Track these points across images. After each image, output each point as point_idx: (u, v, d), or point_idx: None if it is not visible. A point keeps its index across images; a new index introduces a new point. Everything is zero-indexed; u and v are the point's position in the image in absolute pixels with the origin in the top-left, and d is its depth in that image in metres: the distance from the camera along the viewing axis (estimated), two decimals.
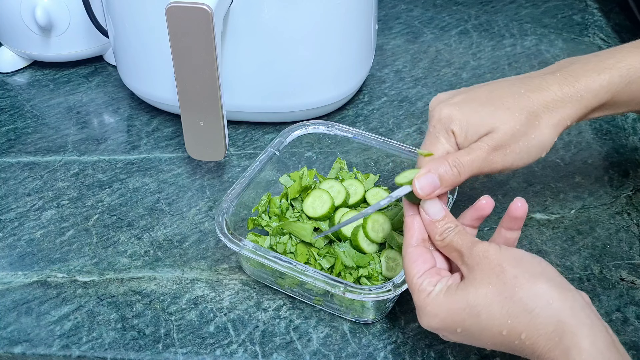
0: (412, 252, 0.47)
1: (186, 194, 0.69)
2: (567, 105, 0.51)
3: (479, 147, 0.49)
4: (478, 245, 0.45)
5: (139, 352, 0.54)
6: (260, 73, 0.70)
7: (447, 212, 0.48)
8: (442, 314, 0.44)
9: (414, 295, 0.46)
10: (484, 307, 0.42)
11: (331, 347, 0.54)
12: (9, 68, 0.89)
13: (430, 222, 0.48)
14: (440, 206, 0.48)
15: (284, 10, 0.66)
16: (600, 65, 0.52)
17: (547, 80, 0.52)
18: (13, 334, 0.56)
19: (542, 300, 0.41)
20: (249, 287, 0.59)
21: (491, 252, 0.44)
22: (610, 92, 0.51)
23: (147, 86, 0.77)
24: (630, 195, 0.67)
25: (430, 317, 0.45)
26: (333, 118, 0.79)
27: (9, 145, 0.77)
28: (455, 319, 0.43)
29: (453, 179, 0.48)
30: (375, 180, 0.66)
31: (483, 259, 0.44)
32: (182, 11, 0.56)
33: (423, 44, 0.93)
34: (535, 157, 0.51)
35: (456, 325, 0.44)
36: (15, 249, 0.64)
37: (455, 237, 0.46)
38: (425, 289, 0.45)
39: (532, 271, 0.42)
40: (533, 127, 0.50)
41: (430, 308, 0.44)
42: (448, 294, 0.44)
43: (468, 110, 0.50)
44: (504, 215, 0.47)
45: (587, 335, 0.40)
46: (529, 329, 0.41)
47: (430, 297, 0.45)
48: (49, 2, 0.81)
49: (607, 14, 0.99)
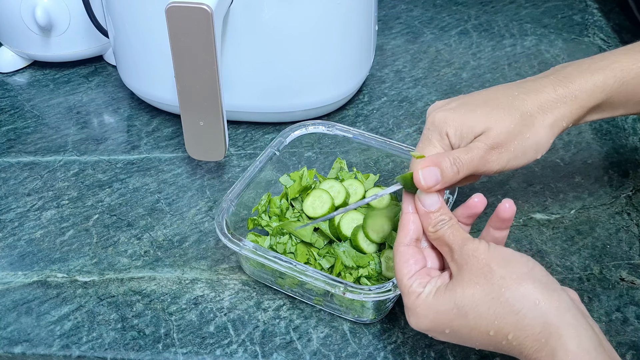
0: (404, 252, 0.48)
1: (186, 194, 0.69)
2: (562, 106, 0.51)
3: (477, 146, 0.49)
4: (468, 244, 0.45)
5: (139, 352, 0.54)
6: (260, 73, 0.70)
7: (443, 204, 0.48)
8: (431, 315, 0.44)
9: (404, 296, 0.46)
10: (472, 308, 0.43)
11: (331, 347, 0.54)
12: (9, 68, 0.89)
13: (425, 213, 0.48)
14: (436, 198, 0.48)
15: (284, 10, 0.66)
16: (594, 67, 0.52)
17: (541, 82, 0.52)
18: (13, 334, 0.56)
19: (529, 301, 0.41)
20: (249, 287, 0.59)
21: (480, 252, 0.44)
22: (605, 92, 0.52)
23: (147, 86, 0.77)
24: (630, 195, 0.67)
25: (419, 319, 0.45)
26: (333, 118, 0.79)
27: (9, 145, 0.77)
28: (443, 320, 0.44)
29: (452, 176, 0.49)
30: (375, 180, 0.66)
31: (472, 258, 0.44)
32: (182, 11, 0.56)
33: (423, 44, 0.93)
34: (531, 158, 0.51)
35: (444, 326, 0.44)
36: (15, 249, 0.64)
37: (447, 230, 0.47)
38: (415, 290, 0.45)
39: (519, 272, 0.43)
40: (527, 127, 0.50)
41: (419, 310, 0.45)
42: (437, 296, 0.44)
43: (463, 112, 0.51)
44: (492, 215, 0.48)
45: (573, 336, 0.40)
46: (516, 330, 0.41)
47: (419, 299, 0.45)
48: (49, 2, 0.81)
49: (607, 14, 0.99)
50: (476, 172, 0.50)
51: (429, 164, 0.48)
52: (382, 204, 0.63)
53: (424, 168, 0.48)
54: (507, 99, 0.51)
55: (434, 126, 0.51)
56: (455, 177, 0.49)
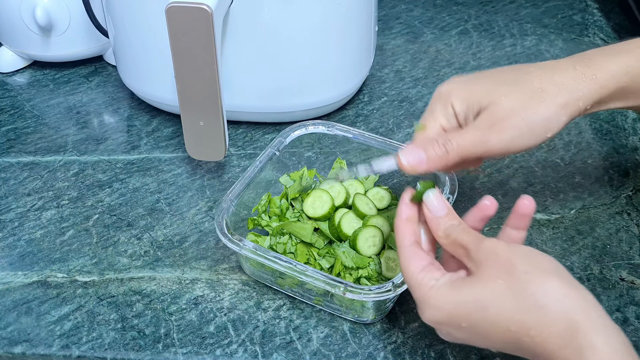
0: (409, 251, 0.46)
1: (186, 194, 0.69)
2: (580, 84, 0.49)
3: (475, 125, 0.48)
4: (486, 241, 0.43)
5: (139, 352, 0.54)
6: (260, 73, 0.70)
7: (451, 209, 0.47)
8: (448, 307, 0.42)
9: (415, 290, 0.44)
10: (493, 301, 0.40)
11: (331, 347, 0.54)
12: (9, 68, 0.89)
13: (433, 218, 0.47)
14: (443, 203, 0.47)
15: (284, 10, 0.66)
16: (617, 49, 0.50)
17: (561, 61, 0.50)
18: (13, 334, 0.56)
19: (554, 297, 0.39)
20: (249, 287, 0.59)
21: (500, 248, 0.42)
22: (629, 75, 0.49)
23: (147, 86, 0.77)
24: (630, 195, 0.67)
25: (434, 310, 0.43)
26: (333, 118, 0.79)
27: (9, 145, 0.77)
28: (460, 312, 0.42)
29: (440, 157, 0.48)
30: (375, 181, 0.66)
31: (492, 254, 0.42)
32: (182, 11, 0.56)
33: (423, 44, 0.93)
34: (540, 137, 0.49)
35: (461, 319, 0.42)
36: (15, 249, 0.64)
37: (460, 233, 0.45)
38: (427, 282, 0.44)
39: (543, 268, 0.41)
40: (536, 102, 0.48)
41: (434, 301, 0.43)
42: (453, 287, 0.42)
43: (470, 84, 0.50)
44: (510, 214, 0.46)
45: (601, 333, 0.38)
46: (539, 326, 0.39)
47: (433, 289, 0.43)
48: (49, 2, 0.81)
49: (607, 14, 0.99)
50: (475, 153, 0.48)
51: (411, 147, 0.48)
52: (382, 204, 0.63)
53: (405, 152, 0.48)
54: (521, 75, 0.49)
55: (439, 97, 0.50)
56: (445, 158, 0.48)
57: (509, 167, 0.71)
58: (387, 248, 0.58)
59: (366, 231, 0.57)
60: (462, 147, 0.48)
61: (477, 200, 0.49)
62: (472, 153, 0.48)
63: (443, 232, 0.46)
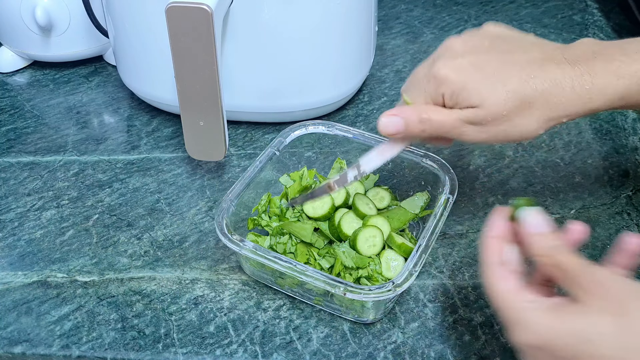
0: (498, 269, 0.44)
1: (186, 194, 0.69)
2: (572, 105, 0.48)
3: (457, 113, 0.49)
4: (596, 269, 0.41)
5: (139, 352, 0.54)
6: (260, 73, 0.70)
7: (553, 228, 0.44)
8: (548, 333, 0.40)
9: (506, 310, 0.42)
10: (598, 335, 0.38)
11: (331, 347, 0.54)
12: (9, 68, 0.89)
13: (533, 235, 0.44)
14: (542, 219, 0.44)
15: (283, 10, 0.66)
16: (623, 70, 0.48)
17: (563, 71, 0.49)
18: (13, 334, 0.56)
19: None
20: (249, 287, 0.59)
21: (611, 279, 0.40)
22: (625, 100, 0.49)
23: (147, 86, 0.77)
24: (630, 195, 0.67)
25: (531, 334, 0.40)
26: (333, 118, 0.79)
27: (9, 145, 0.77)
28: (561, 341, 0.39)
29: (417, 132, 0.50)
30: (375, 181, 0.66)
31: (597, 284, 0.40)
32: (182, 11, 0.56)
33: (423, 44, 0.93)
34: (514, 141, 0.50)
35: (559, 349, 0.39)
36: (15, 249, 0.64)
37: (567, 255, 0.42)
38: (520, 304, 0.42)
39: None
40: (522, 116, 0.48)
41: (532, 324, 0.40)
42: (555, 313, 0.40)
43: (467, 78, 0.49)
44: (616, 251, 0.44)
45: None
46: None
47: (529, 311, 0.41)
48: (49, 2, 0.82)
49: (607, 14, 0.99)
50: (448, 136, 0.50)
51: (395, 112, 0.49)
52: (382, 204, 0.63)
53: (387, 114, 0.49)
54: (518, 79, 0.48)
55: (435, 80, 0.50)
56: (421, 134, 0.50)
57: (509, 167, 0.71)
58: (387, 248, 0.58)
59: (366, 231, 0.57)
60: (439, 127, 0.50)
61: (477, 200, 0.49)
62: (446, 135, 0.51)
63: (546, 251, 0.43)
